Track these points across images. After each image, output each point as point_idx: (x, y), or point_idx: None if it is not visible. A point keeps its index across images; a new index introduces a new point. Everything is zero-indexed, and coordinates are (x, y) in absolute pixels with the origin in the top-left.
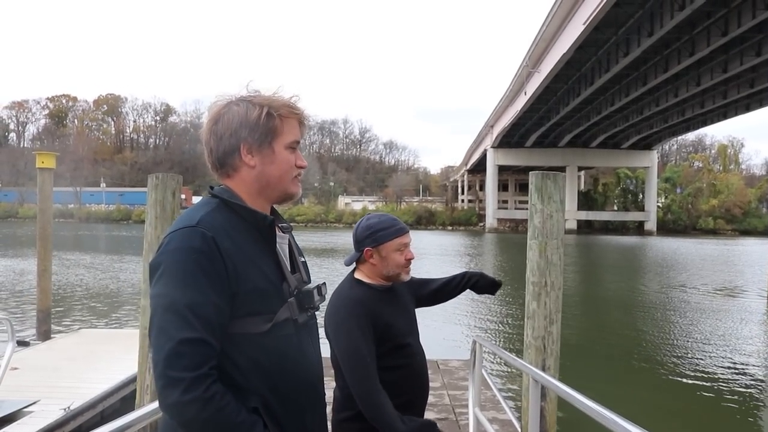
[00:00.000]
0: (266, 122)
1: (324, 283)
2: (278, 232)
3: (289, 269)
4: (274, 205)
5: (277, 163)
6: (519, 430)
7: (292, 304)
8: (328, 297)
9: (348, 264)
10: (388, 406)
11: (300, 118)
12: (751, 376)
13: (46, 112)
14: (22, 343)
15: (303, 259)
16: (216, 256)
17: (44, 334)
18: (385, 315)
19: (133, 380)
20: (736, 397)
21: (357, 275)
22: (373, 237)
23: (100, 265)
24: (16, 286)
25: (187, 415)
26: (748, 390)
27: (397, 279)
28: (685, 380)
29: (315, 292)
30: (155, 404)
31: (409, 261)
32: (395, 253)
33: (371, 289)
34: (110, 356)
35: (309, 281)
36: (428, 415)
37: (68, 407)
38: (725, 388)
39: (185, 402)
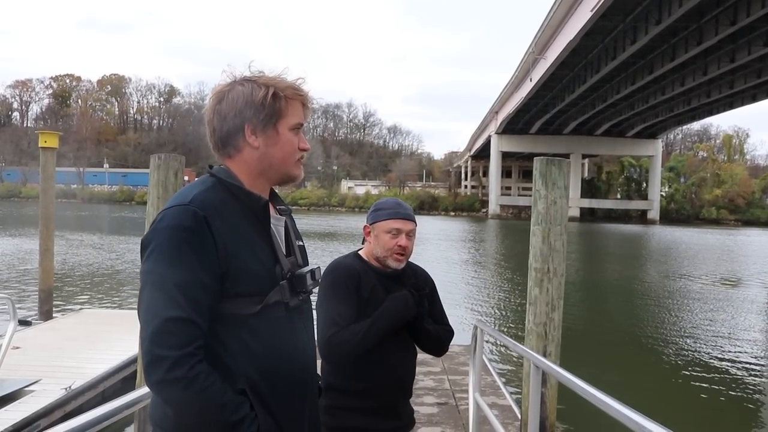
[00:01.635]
0: (272, 103)
1: (318, 267)
2: (274, 214)
3: (284, 252)
4: (275, 187)
5: (281, 144)
6: (519, 415)
7: (284, 287)
8: None
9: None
10: (372, 324)
11: (304, 101)
12: (751, 364)
13: (50, 91)
14: (24, 323)
15: (301, 243)
16: (206, 235)
17: (46, 314)
18: (366, 292)
19: (134, 361)
20: (735, 383)
21: (360, 252)
22: (373, 215)
23: (103, 245)
24: (18, 266)
25: (171, 393)
26: (748, 377)
27: (385, 263)
28: (685, 367)
29: (308, 276)
30: None
31: (401, 248)
32: (386, 235)
33: (364, 264)
34: (111, 336)
35: (305, 265)
36: (428, 399)
37: (69, 387)
38: (725, 375)
39: (169, 380)
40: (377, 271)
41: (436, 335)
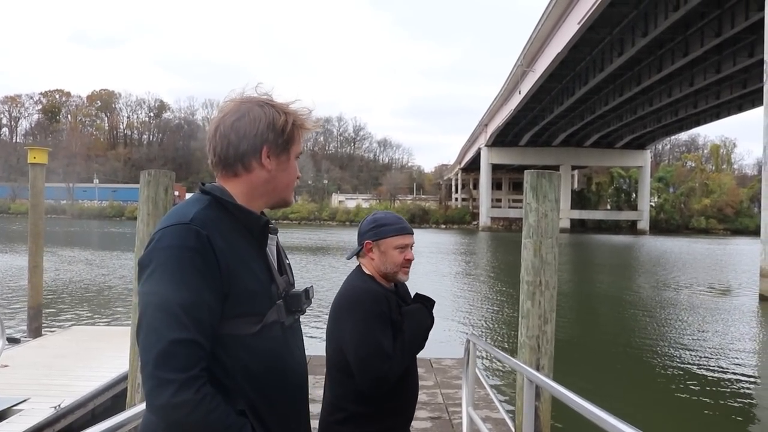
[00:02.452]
0: (291, 130)
1: (311, 287)
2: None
3: (277, 271)
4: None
5: (289, 171)
6: (513, 429)
7: (280, 306)
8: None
9: (350, 256)
10: (408, 345)
11: (306, 131)
12: (743, 373)
13: (39, 107)
14: (13, 340)
15: (288, 261)
16: (210, 256)
17: (35, 331)
18: (395, 314)
19: (124, 378)
20: (728, 394)
21: (364, 270)
22: (376, 231)
23: (92, 261)
24: (7, 283)
25: (177, 417)
26: (741, 388)
27: (395, 279)
28: (678, 379)
29: (303, 295)
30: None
31: (408, 262)
32: (394, 251)
33: (378, 284)
34: (102, 354)
35: (303, 285)
36: (421, 413)
37: (59, 405)
38: (718, 387)
39: (175, 404)
40: (385, 288)
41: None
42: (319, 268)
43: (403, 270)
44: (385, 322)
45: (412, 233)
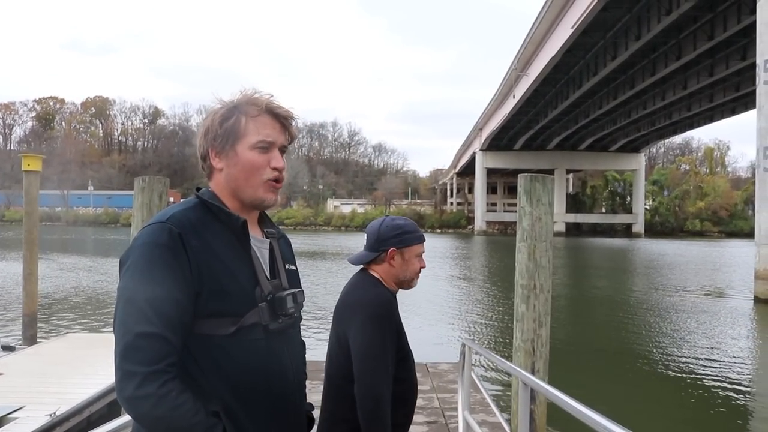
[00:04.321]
0: (227, 124)
1: (301, 291)
2: (258, 236)
3: (268, 274)
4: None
5: (241, 164)
6: None
7: (263, 309)
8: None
9: (361, 262)
10: (388, 420)
11: (276, 117)
12: (738, 375)
13: (33, 114)
14: (8, 348)
15: (292, 268)
16: (180, 253)
17: (30, 339)
18: (399, 322)
19: None
20: (724, 396)
21: (375, 276)
22: (401, 238)
23: (87, 268)
24: (1, 290)
25: (141, 410)
26: (736, 389)
27: (409, 285)
28: (674, 382)
29: (289, 298)
30: None
31: (421, 270)
32: (415, 259)
33: (390, 291)
34: (97, 361)
35: (295, 289)
36: (418, 418)
37: (54, 413)
38: (714, 389)
39: (139, 397)
40: (393, 294)
41: None
42: (318, 273)
43: (417, 277)
44: (393, 333)
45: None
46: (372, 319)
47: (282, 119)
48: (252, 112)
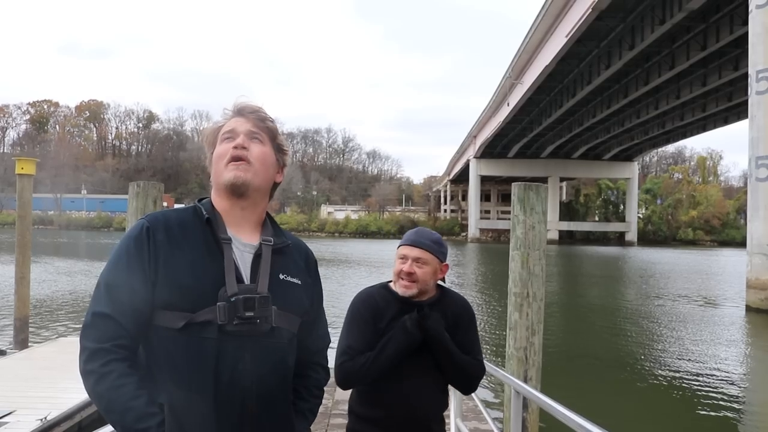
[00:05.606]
0: (204, 135)
1: (268, 297)
2: (243, 240)
3: (247, 279)
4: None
5: (214, 160)
6: None
7: (221, 308)
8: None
9: None
10: (378, 352)
11: (241, 113)
12: (729, 384)
13: (27, 117)
14: None
15: (293, 281)
16: (144, 244)
17: (21, 343)
18: (384, 322)
19: None
20: (715, 405)
21: (390, 281)
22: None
23: (80, 272)
24: None
25: (88, 385)
26: (727, 398)
27: (396, 286)
28: (666, 390)
29: (255, 300)
30: None
31: (406, 274)
32: (397, 261)
33: (390, 293)
34: None
35: (279, 299)
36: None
37: (45, 418)
38: (705, 398)
39: (84, 371)
40: (403, 300)
41: (460, 363)
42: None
43: (400, 282)
44: (360, 324)
45: (415, 245)
46: (347, 315)
47: (247, 113)
48: (224, 120)
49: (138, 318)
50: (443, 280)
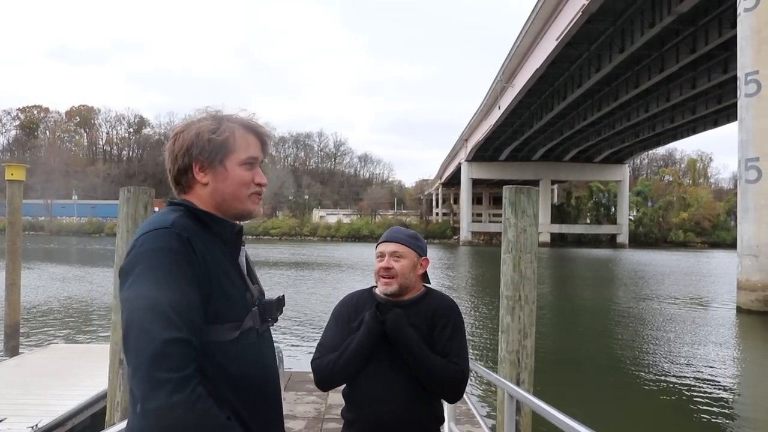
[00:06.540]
0: (217, 140)
1: (283, 296)
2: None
3: (249, 280)
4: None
5: (230, 180)
6: None
7: (255, 313)
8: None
9: None
10: (343, 350)
11: (260, 136)
12: (720, 384)
13: (17, 123)
14: None
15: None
16: (192, 257)
17: (12, 350)
18: (357, 322)
19: (103, 396)
20: (706, 406)
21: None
22: None
23: (71, 278)
24: None
25: (173, 418)
26: (719, 400)
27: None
28: (658, 392)
29: (275, 303)
30: (125, 422)
31: (384, 270)
32: (376, 261)
33: (372, 295)
34: (80, 372)
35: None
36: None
37: (36, 425)
38: (697, 399)
39: (172, 404)
40: (374, 295)
41: (427, 364)
42: (308, 283)
43: (381, 279)
44: (335, 324)
45: (391, 240)
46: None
47: (264, 137)
48: (239, 130)
49: (198, 335)
50: (426, 275)
